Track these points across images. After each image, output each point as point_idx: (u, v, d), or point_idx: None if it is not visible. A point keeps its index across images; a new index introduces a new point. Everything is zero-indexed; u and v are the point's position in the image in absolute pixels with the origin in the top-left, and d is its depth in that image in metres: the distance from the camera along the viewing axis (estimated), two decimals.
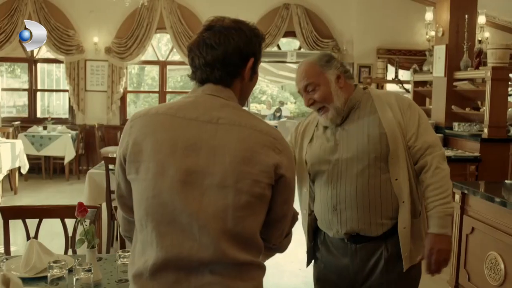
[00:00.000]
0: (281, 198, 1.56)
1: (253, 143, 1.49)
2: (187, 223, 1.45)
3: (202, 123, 1.50)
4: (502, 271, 3.18)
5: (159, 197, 1.47)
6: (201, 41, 1.58)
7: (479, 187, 3.66)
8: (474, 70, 5.86)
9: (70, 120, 9.88)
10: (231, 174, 1.45)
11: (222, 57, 1.56)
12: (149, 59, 10.59)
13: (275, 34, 9.62)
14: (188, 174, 1.46)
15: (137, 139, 1.52)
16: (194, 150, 1.47)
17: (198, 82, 1.59)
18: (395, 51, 9.74)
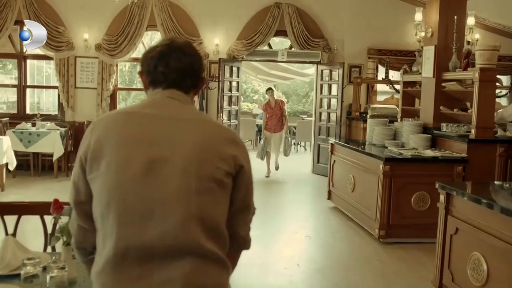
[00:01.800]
0: (243, 189, 1.66)
1: (213, 135, 1.62)
2: (150, 211, 1.48)
3: (163, 119, 1.59)
4: (485, 271, 3.18)
5: (121, 187, 1.50)
6: (177, 48, 1.68)
7: (463, 188, 3.67)
8: (463, 71, 5.87)
9: (59, 117, 9.81)
10: (193, 161, 1.52)
11: (194, 66, 1.70)
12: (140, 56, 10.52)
13: (266, 33, 9.61)
14: (151, 163, 1.51)
15: (99, 138, 1.58)
16: (157, 142, 1.54)
17: (161, 87, 1.67)
18: (386, 52, 9.76)
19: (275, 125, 9.44)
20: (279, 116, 9.44)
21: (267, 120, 9.49)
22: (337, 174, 7.04)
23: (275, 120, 9.43)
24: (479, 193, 3.52)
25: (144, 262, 1.47)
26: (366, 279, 4.57)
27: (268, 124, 9.48)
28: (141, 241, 1.47)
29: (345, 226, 6.27)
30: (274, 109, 9.44)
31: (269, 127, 9.47)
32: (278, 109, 9.44)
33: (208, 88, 9.63)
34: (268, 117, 9.47)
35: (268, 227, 6.17)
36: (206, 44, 9.61)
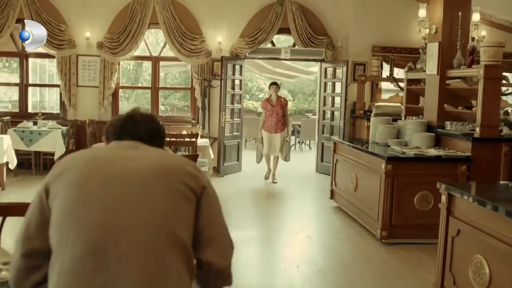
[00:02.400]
0: (209, 211, 1.69)
1: (173, 158, 1.78)
2: (112, 216, 1.53)
3: (125, 149, 1.73)
4: (487, 275, 3.08)
5: (85, 199, 1.58)
6: (145, 114, 1.87)
7: (465, 189, 3.56)
8: (467, 68, 5.75)
9: (61, 115, 9.77)
10: (155, 173, 1.61)
11: (161, 130, 1.89)
12: (143, 55, 10.49)
13: (269, 31, 9.51)
14: (114, 178, 1.61)
15: (64, 167, 1.67)
16: (119, 161, 1.66)
17: (130, 138, 1.78)
18: (391, 49, 9.64)
19: (275, 125, 8.52)
20: (280, 115, 8.54)
21: (266, 119, 8.62)
22: (340, 173, 6.94)
23: (275, 119, 8.52)
24: (481, 194, 3.42)
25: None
26: (366, 281, 4.47)
27: (267, 123, 8.60)
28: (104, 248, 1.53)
29: (347, 226, 6.17)
30: (275, 107, 8.53)
31: (268, 127, 8.58)
32: (280, 108, 8.53)
33: (211, 87, 9.54)
34: (268, 115, 8.59)
35: (268, 227, 6.08)
36: (209, 42, 9.53)
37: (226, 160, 9.46)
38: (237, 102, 9.74)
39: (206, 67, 9.58)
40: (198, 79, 9.54)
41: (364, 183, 6.00)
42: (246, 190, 8.16)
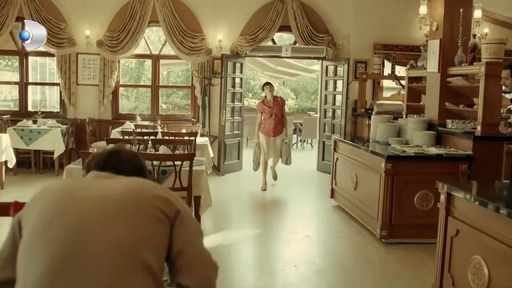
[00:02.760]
0: (185, 235, 1.64)
1: (147, 184, 1.73)
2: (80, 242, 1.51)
3: (100, 179, 1.73)
4: (486, 276, 3.01)
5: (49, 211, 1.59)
6: (129, 151, 1.89)
7: (464, 188, 3.48)
8: (469, 65, 5.67)
9: (61, 114, 9.74)
10: (125, 197, 1.60)
11: (144, 169, 1.91)
12: (143, 53, 10.45)
13: (270, 28, 9.44)
14: (82, 203, 1.59)
15: (37, 197, 1.69)
16: (90, 188, 1.66)
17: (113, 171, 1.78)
18: (392, 47, 9.57)
19: (274, 128, 7.87)
20: (279, 116, 7.90)
21: (263, 121, 7.94)
22: (340, 172, 6.87)
23: (273, 121, 7.86)
24: (480, 194, 3.35)
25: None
26: (365, 281, 4.41)
27: (265, 126, 7.92)
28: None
29: (347, 225, 6.11)
30: (272, 108, 7.86)
31: (266, 130, 7.92)
32: (278, 109, 7.88)
33: (211, 85, 9.49)
34: (265, 118, 7.90)
35: (267, 227, 6.03)
36: (209, 40, 9.48)
37: (227, 158, 9.41)
38: (237, 100, 9.67)
39: (207, 65, 9.52)
40: (198, 77, 9.49)
41: (364, 182, 5.94)
42: (246, 189, 8.10)
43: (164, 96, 18.14)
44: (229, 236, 5.66)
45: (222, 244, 5.30)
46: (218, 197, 7.32)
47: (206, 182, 4.82)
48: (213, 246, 5.16)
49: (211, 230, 5.93)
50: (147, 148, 5.45)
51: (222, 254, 4.93)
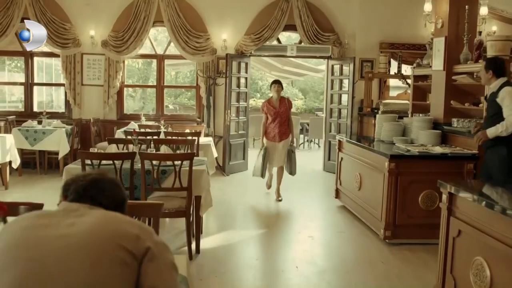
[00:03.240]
0: (155, 273, 1.56)
1: (115, 221, 1.61)
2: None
3: (67, 216, 1.61)
4: (488, 278, 2.93)
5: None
6: (112, 179, 1.78)
7: (466, 187, 3.41)
8: (474, 63, 5.58)
9: (67, 114, 9.75)
10: (86, 241, 1.50)
11: (125, 201, 1.80)
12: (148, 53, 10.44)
13: (275, 28, 9.38)
14: (40, 247, 1.51)
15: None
16: (52, 227, 1.56)
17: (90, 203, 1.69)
18: (399, 45, 9.46)
19: (279, 131, 7.12)
20: (284, 119, 7.18)
21: (268, 125, 7.21)
22: (345, 171, 6.80)
23: (279, 125, 7.11)
24: (482, 193, 3.27)
25: None
26: (367, 283, 4.33)
27: (270, 129, 7.20)
28: None
29: (351, 226, 6.03)
30: (278, 109, 7.14)
31: (270, 134, 7.19)
32: (284, 110, 7.15)
33: (216, 85, 9.45)
34: (270, 121, 7.18)
35: (270, 227, 5.96)
36: (214, 39, 9.44)
37: (232, 159, 9.36)
38: (243, 100, 9.62)
39: (211, 65, 9.48)
40: (203, 77, 9.45)
41: (368, 182, 5.86)
42: (251, 189, 8.04)
43: (173, 96, 18.17)
44: (231, 236, 5.61)
45: (224, 244, 5.25)
46: (222, 197, 7.30)
47: (206, 182, 4.77)
48: (216, 247, 5.13)
49: (214, 230, 5.89)
50: (148, 147, 5.42)
51: (224, 255, 4.88)
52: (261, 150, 7.26)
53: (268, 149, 7.21)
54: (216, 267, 4.53)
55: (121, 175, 4.55)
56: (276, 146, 7.20)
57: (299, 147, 14.06)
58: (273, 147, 7.21)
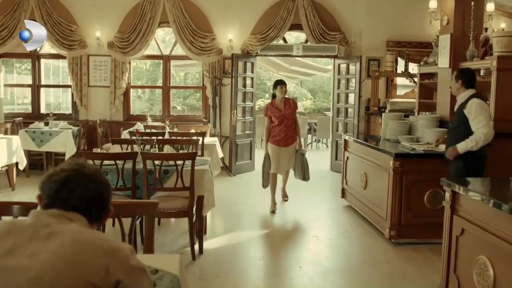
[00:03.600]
0: None
1: (84, 249, 1.45)
2: None
3: (34, 238, 1.47)
4: (491, 277, 2.87)
5: None
6: (85, 175, 1.60)
7: (469, 185, 3.34)
8: (480, 60, 5.49)
9: (74, 116, 9.78)
10: (49, 276, 1.39)
11: (101, 197, 1.62)
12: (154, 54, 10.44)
13: (281, 27, 9.34)
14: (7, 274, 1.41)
15: None
16: (14, 255, 1.44)
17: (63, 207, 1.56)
18: (406, 44, 9.38)
19: (285, 135, 6.51)
20: (291, 121, 6.55)
21: (273, 128, 6.56)
22: (350, 171, 6.74)
23: (285, 128, 6.49)
24: (485, 191, 3.20)
25: None
26: (371, 283, 4.28)
27: (275, 133, 6.53)
28: None
29: (356, 225, 5.97)
30: (284, 112, 6.51)
31: (276, 139, 6.52)
32: (290, 112, 6.52)
33: (222, 85, 9.43)
34: (275, 125, 6.51)
35: (275, 227, 5.92)
36: (220, 39, 9.42)
37: (238, 159, 9.33)
38: (249, 100, 9.59)
39: (217, 65, 9.46)
40: (209, 77, 9.43)
41: (373, 181, 5.80)
42: (257, 189, 7.96)
43: (182, 98, 18.20)
44: (236, 236, 5.57)
45: (227, 244, 5.22)
46: (227, 197, 7.29)
47: (209, 182, 4.74)
48: (219, 247, 5.11)
49: (219, 230, 5.87)
50: (152, 148, 5.41)
51: (227, 255, 4.85)
52: (266, 158, 6.66)
53: (272, 155, 6.56)
54: (219, 268, 4.50)
55: (123, 175, 4.54)
56: (282, 151, 6.55)
57: (306, 147, 14.02)
58: (278, 152, 6.55)
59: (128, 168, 4.56)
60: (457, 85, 4.64)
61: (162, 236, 5.43)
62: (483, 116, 4.40)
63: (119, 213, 2.43)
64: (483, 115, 4.40)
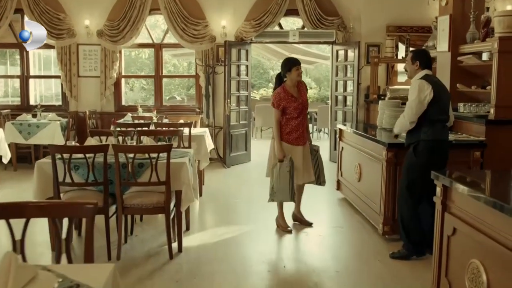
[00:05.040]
0: None
1: None
2: None
3: None
4: (484, 284, 2.53)
5: None
6: None
7: (462, 179, 3.00)
8: (481, 42, 5.11)
9: (63, 107, 9.49)
10: None
11: None
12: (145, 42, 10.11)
13: (276, 12, 8.94)
14: None
15: None
16: None
17: None
18: (407, 28, 8.96)
19: (303, 131, 5.16)
20: (306, 112, 5.25)
21: (288, 122, 5.09)
22: (345, 162, 6.40)
23: (302, 122, 5.15)
24: (480, 186, 2.86)
25: None
26: (359, 284, 3.96)
27: (291, 129, 5.10)
28: None
29: (350, 220, 5.64)
30: (301, 99, 5.11)
31: (292, 136, 5.10)
32: (306, 100, 5.20)
33: (215, 73, 9.08)
34: (290, 117, 5.07)
35: (265, 222, 5.58)
36: (213, 26, 9.06)
37: (233, 150, 9.01)
38: (243, 89, 9.24)
39: (211, 53, 9.11)
40: (201, 65, 9.09)
41: (367, 173, 5.46)
42: (251, 181, 7.70)
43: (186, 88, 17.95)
44: (221, 232, 5.26)
45: (210, 242, 4.91)
46: (219, 190, 7.01)
47: (186, 176, 4.41)
48: (201, 244, 4.82)
49: (204, 226, 5.58)
50: (131, 139, 5.10)
51: (209, 254, 4.55)
52: (281, 163, 5.00)
53: (296, 159, 5.09)
54: (198, 267, 4.20)
55: (93, 170, 4.24)
56: (301, 152, 5.16)
57: None
58: (298, 154, 5.13)
59: (102, 161, 4.26)
60: (413, 67, 4.33)
61: (142, 233, 5.14)
62: (414, 101, 4.12)
63: (51, 214, 2.12)
64: (415, 100, 4.11)
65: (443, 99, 4.22)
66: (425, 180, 3.97)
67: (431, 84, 4.13)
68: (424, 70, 4.26)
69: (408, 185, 4.31)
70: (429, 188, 4.11)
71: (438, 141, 4.22)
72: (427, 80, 4.16)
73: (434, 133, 4.18)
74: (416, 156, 4.24)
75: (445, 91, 4.33)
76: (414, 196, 4.29)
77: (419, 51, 4.50)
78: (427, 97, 4.09)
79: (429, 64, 4.32)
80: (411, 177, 4.28)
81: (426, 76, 4.22)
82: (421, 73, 4.26)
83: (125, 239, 4.79)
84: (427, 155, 4.18)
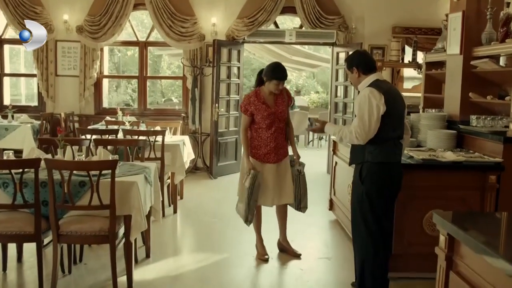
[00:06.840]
0: None
1: None
2: None
3: None
4: None
5: None
6: None
7: (475, 225, 2.19)
8: (499, 43, 4.30)
9: (40, 108, 8.78)
10: None
11: None
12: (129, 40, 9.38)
13: (271, 10, 8.18)
14: None
15: None
16: None
17: None
18: (414, 29, 8.19)
19: (276, 145, 4.40)
20: (283, 124, 4.47)
21: (256, 134, 4.42)
22: (339, 179, 5.61)
23: (276, 134, 4.40)
24: (497, 239, 2.05)
25: None
26: None
27: (261, 142, 4.41)
28: None
29: (341, 248, 4.85)
30: (275, 109, 4.39)
31: (261, 151, 4.41)
32: (283, 109, 4.42)
33: (202, 75, 8.32)
34: (260, 127, 4.40)
35: (238, 247, 4.80)
36: (202, 24, 8.33)
37: (221, 159, 8.24)
38: (235, 92, 8.47)
39: (199, 52, 8.36)
40: (188, 66, 8.33)
41: None
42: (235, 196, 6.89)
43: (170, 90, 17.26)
44: (185, 261, 4.51)
45: (169, 275, 4.14)
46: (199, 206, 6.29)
47: (137, 198, 3.63)
48: (158, 278, 4.03)
49: (167, 251, 4.77)
50: (80, 151, 4.35)
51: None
52: (248, 174, 4.32)
53: (258, 176, 4.34)
54: None
55: (21, 189, 3.48)
56: (273, 170, 4.42)
57: (308, 144, 12.86)
58: (267, 172, 4.41)
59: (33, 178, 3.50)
60: (354, 76, 3.60)
61: (93, 261, 4.36)
62: (366, 115, 3.33)
63: None
64: (367, 114, 3.33)
65: (398, 111, 3.46)
66: (375, 214, 3.42)
67: (383, 93, 3.35)
68: (370, 75, 3.48)
69: (364, 219, 3.55)
70: (383, 224, 3.48)
71: (386, 164, 3.45)
72: (377, 87, 3.37)
73: (381, 153, 3.42)
74: (362, 182, 3.48)
75: (400, 100, 3.53)
76: (373, 234, 3.51)
77: (352, 55, 3.74)
78: (380, 108, 3.29)
79: (372, 66, 3.56)
80: (364, 210, 3.50)
81: (375, 82, 3.44)
82: (367, 79, 3.50)
83: (69, 269, 4.04)
84: (374, 181, 3.44)
